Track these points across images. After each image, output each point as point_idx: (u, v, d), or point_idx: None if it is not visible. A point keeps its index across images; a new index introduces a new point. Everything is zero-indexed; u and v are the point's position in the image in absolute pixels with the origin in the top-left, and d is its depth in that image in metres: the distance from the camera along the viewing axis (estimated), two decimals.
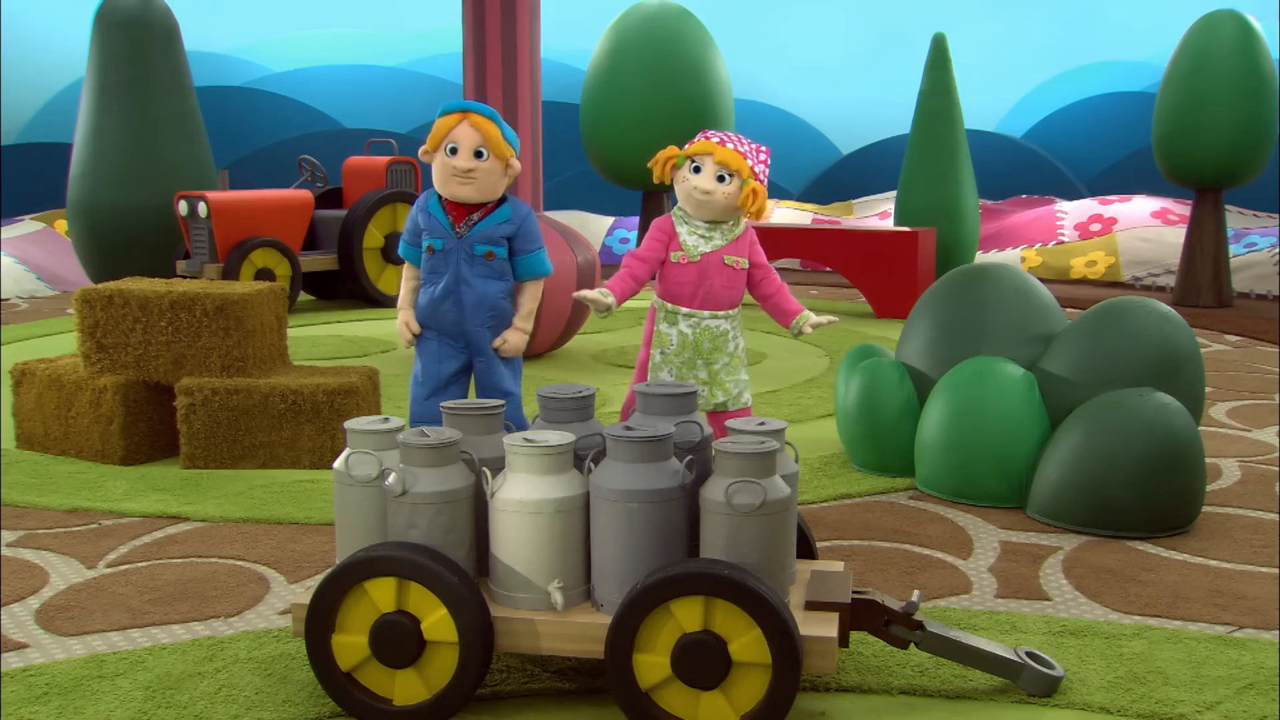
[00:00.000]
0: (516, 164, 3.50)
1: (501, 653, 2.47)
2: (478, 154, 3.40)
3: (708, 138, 3.52)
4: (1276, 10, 10.88)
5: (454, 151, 3.39)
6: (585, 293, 3.40)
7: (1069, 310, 8.11)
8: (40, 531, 3.66)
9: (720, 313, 3.55)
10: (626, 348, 7.11)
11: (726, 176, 3.48)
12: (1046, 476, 3.75)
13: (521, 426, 3.56)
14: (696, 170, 3.48)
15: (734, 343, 3.59)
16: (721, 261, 3.54)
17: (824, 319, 3.61)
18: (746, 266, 3.60)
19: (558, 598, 2.40)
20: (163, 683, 2.59)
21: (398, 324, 3.62)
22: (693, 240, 3.53)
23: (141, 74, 8.84)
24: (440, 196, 3.49)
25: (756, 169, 3.54)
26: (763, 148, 3.63)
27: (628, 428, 2.43)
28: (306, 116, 13.21)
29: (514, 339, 3.56)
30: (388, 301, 9.00)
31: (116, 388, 4.34)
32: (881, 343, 5.52)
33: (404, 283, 3.64)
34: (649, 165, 3.58)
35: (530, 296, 3.59)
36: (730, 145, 3.50)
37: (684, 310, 3.52)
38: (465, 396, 3.59)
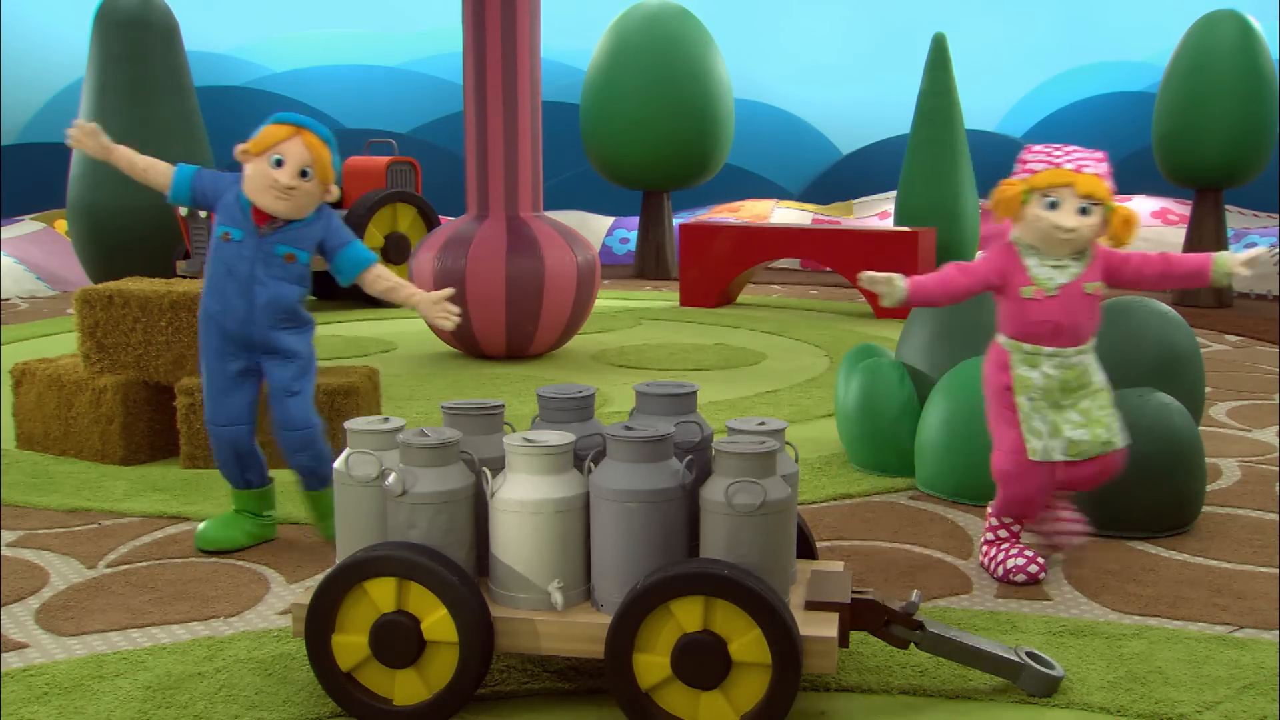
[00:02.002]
0: (335, 191, 3.39)
1: (501, 653, 2.47)
2: (303, 173, 3.27)
3: (1055, 162, 3.05)
4: (1276, 10, 10.88)
5: (279, 164, 3.25)
6: (874, 274, 3.07)
7: None
8: (40, 531, 3.66)
9: (1084, 346, 3.12)
10: (626, 348, 7.11)
11: (1089, 208, 3.03)
12: None
13: (320, 459, 3.44)
14: (1053, 206, 3.02)
15: (1099, 375, 3.17)
16: (1081, 291, 3.08)
17: (1258, 251, 3.16)
18: (1103, 290, 3.13)
19: (558, 598, 2.40)
20: (163, 683, 2.59)
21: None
22: (1045, 272, 3.08)
23: (141, 74, 8.84)
24: None
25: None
26: (1097, 154, 3.13)
27: (628, 428, 2.43)
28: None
29: (429, 308, 3.43)
30: (387, 302, 9.00)
31: (116, 388, 4.34)
32: (881, 343, 5.52)
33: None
34: (988, 207, 3.12)
35: (389, 280, 3.45)
36: (1088, 169, 3.03)
37: (1046, 350, 3.08)
38: (254, 401, 3.44)
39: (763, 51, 13.74)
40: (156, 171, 3.39)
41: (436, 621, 2.38)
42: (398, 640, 2.38)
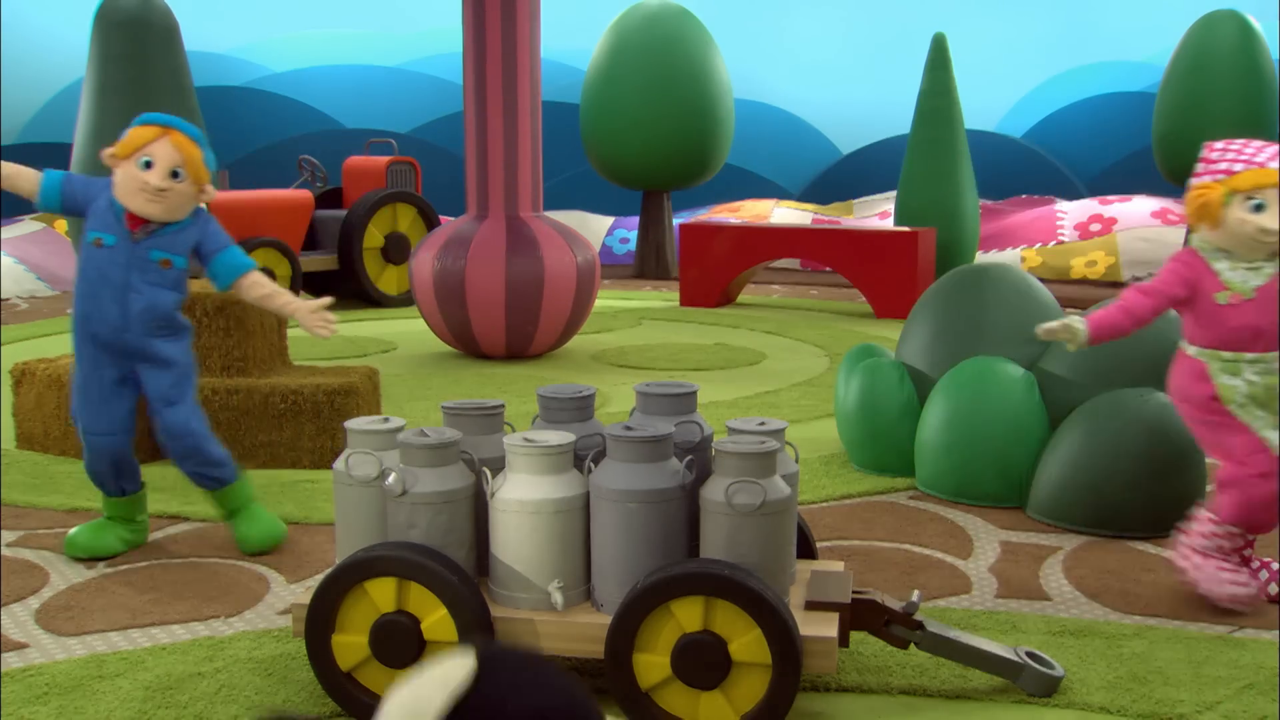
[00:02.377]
0: (211, 190, 3.30)
1: None
2: (174, 174, 3.19)
3: (1256, 162, 2.93)
4: (1276, 10, 10.87)
5: (148, 166, 3.18)
6: (1051, 325, 3.00)
7: (1069, 310, 8.09)
8: (40, 531, 3.66)
9: None
10: (627, 348, 7.11)
11: None
12: (1047, 476, 3.75)
13: (209, 463, 3.36)
14: (1258, 209, 2.87)
15: None
16: (1277, 291, 2.91)
17: None
18: None
19: (558, 598, 2.40)
20: (163, 683, 2.59)
21: None
22: (1240, 275, 2.92)
23: (141, 74, 8.84)
24: None
25: None
26: (1272, 147, 2.97)
27: (628, 428, 2.43)
28: (306, 116, 13.22)
29: (306, 317, 3.26)
30: (388, 301, 9.00)
31: None
32: (881, 343, 5.52)
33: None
34: (1188, 213, 2.98)
35: (266, 286, 3.35)
36: None
37: (1248, 356, 2.91)
38: (132, 409, 3.37)
39: (763, 51, 13.74)
40: (23, 178, 3.31)
41: (436, 621, 2.38)
42: (398, 640, 2.38)
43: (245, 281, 3.34)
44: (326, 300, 3.30)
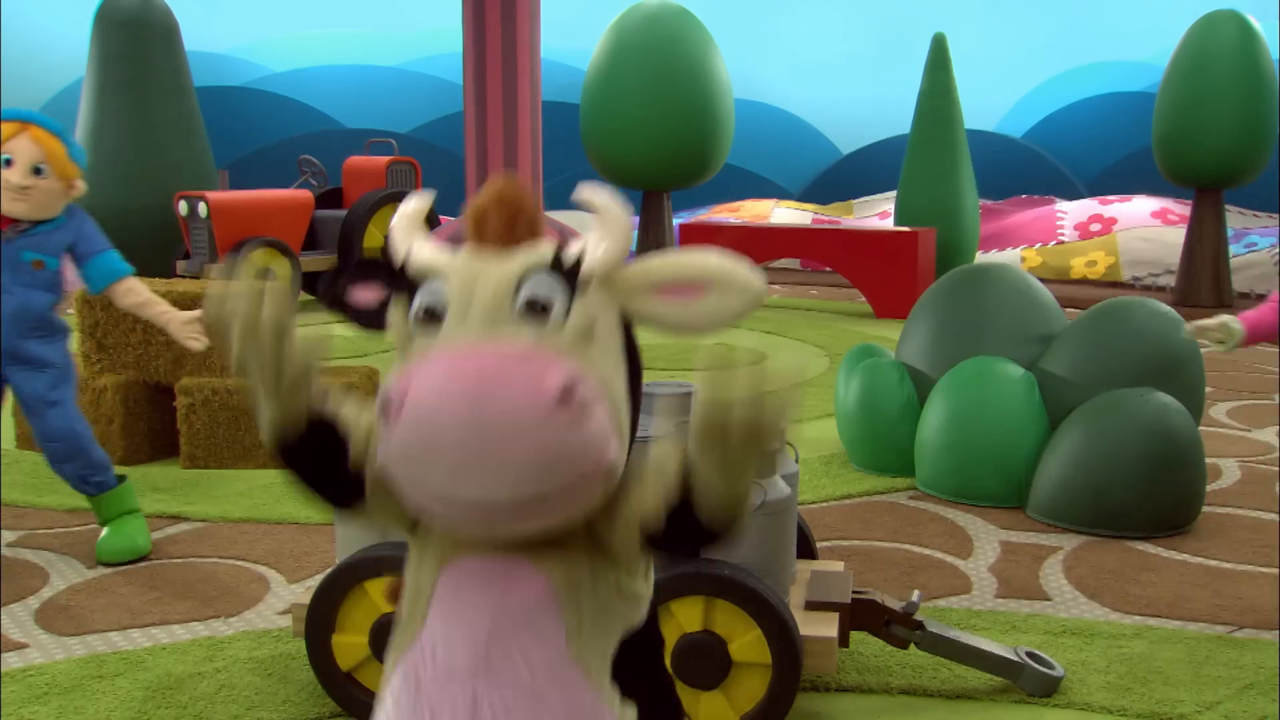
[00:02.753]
0: (81, 185, 3.25)
1: None
2: (36, 170, 3.13)
3: None
4: (1276, 10, 10.87)
5: (8, 163, 3.11)
6: (1204, 322, 2.97)
7: (1069, 310, 8.09)
8: (40, 531, 3.66)
9: None
10: None
11: None
12: (1046, 476, 3.75)
13: (91, 467, 3.32)
14: None
15: None
16: None
17: None
18: None
19: None
20: (163, 683, 2.59)
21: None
22: None
23: (141, 74, 8.85)
24: None
25: None
26: None
27: None
28: (306, 116, 13.22)
29: (178, 329, 3.25)
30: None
31: (116, 388, 4.34)
32: (881, 343, 5.51)
33: None
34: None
35: (141, 294, 3.31)
36: None
37: None
38: None
39: (763, 51, 13.74)
40: None
41: None
42: None
43: (119, 288, 3.30)
44: (197, 313, 3.25)
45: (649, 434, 2.39)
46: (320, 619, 2.42)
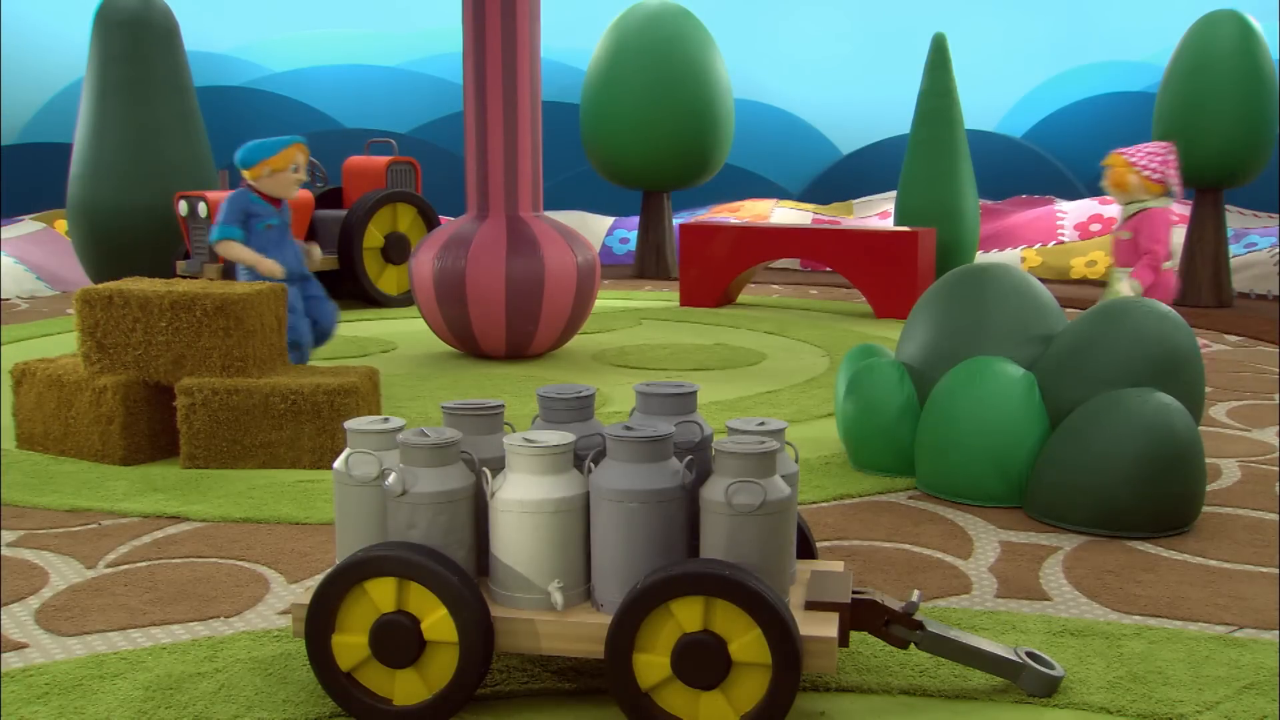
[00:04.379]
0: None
1: (501, 653, 2.47)
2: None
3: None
4: (1276, 10, 10.88)
5: (295, 170, 5.27)
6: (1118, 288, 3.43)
7: (1069, 310, 8.11)
8: (40, 531, 3.66)
9: None
10: (627, 347, 7.11)
11: None
12: (1046, 476, 3.75)
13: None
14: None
15: None
16: None
17: None
18: None
19: (558, 598, 2.40)
20: (163, 683, 2.59)
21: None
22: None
23: (141, 74, 8.84)
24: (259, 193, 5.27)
25: None
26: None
27: (628, 428, 2.43)
28: (306, 116, 13.21)
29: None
30: (388, 301, 9.00)
31: (116, 388, 4.34)
32: (881, 343, 5.52)
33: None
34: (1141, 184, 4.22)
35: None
36: None
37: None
38: None
39: (763, 51, 13.74)
40: None
41: (436, 621, 2.38)
42: (398, 640, 2.38)
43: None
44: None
45: (649, 434, 2.39)
46: (320, 619, 2.42)
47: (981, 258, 11.01)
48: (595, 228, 12.45)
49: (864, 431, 4.26)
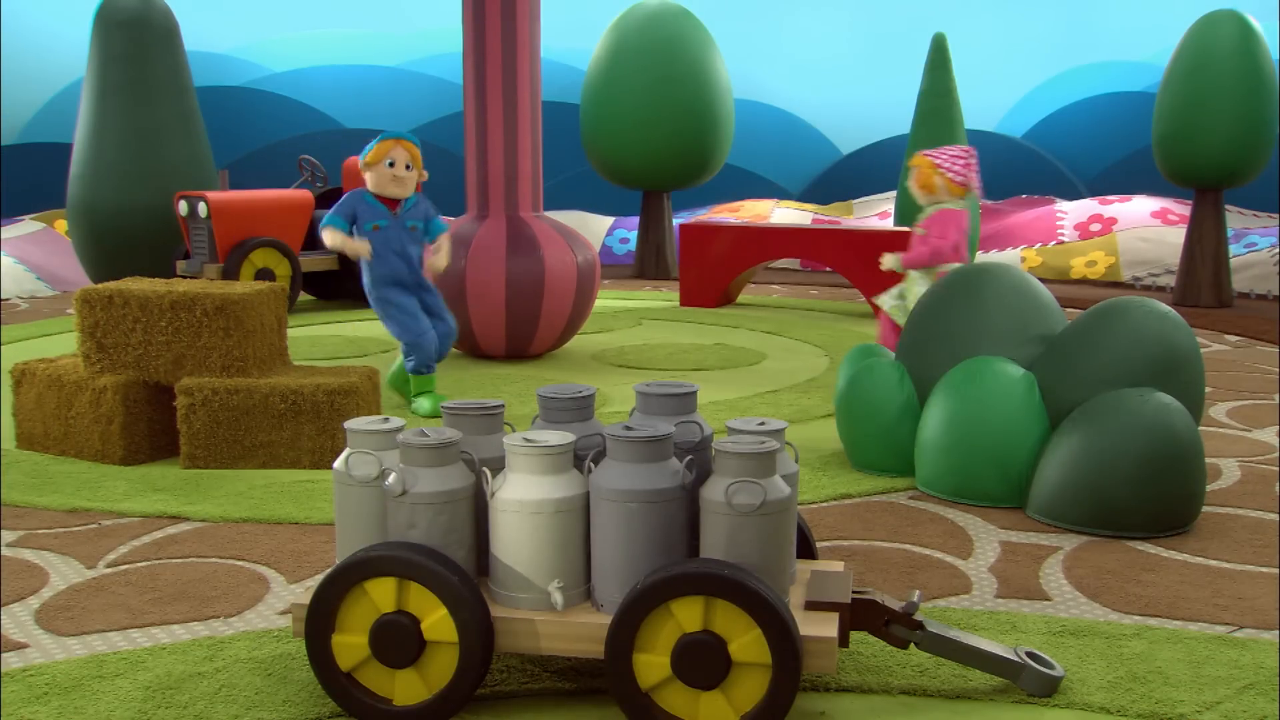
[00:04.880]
0: (425, 175, 5.18)
1: (501, 653, 2.47)
2: (406, 167, 5.06)
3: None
4: (1276, 10, 10.88)
5: (391, 164, 5.03)
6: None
7: (1069, 310, 8.11)
8: (40, 531, 3.66)
9: None
10: (627, 348, 7.11)
11: None
12: (1046, 476, 3.75)
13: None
14: None
15: None
16: None
17: None
18: None
19: (558, 598, 2.40)
20: (163, 683, 2.59)
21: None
22: None
23: (141, 74, 8.84)
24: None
25: None
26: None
27: (628, 428, 2.43)
28: (306, 116, 13.21)
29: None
30: None
31: (116, 388, 4.34)
32: (881, 343, 5.51)
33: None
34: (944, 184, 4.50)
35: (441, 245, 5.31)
36: None
37: None
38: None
39: (763, 51, 13.74)
40: None
41: (436, 621, 2.38)
42: (398, 640, 2.38)
43: (440, 241, 5.07)
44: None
45: (649, 434, 2.39)
46: (320, 619, 2.42)
47: (981, 258, 11.01)
48: (595, 228, 12.44)
49: (864, 431, 4.26)
